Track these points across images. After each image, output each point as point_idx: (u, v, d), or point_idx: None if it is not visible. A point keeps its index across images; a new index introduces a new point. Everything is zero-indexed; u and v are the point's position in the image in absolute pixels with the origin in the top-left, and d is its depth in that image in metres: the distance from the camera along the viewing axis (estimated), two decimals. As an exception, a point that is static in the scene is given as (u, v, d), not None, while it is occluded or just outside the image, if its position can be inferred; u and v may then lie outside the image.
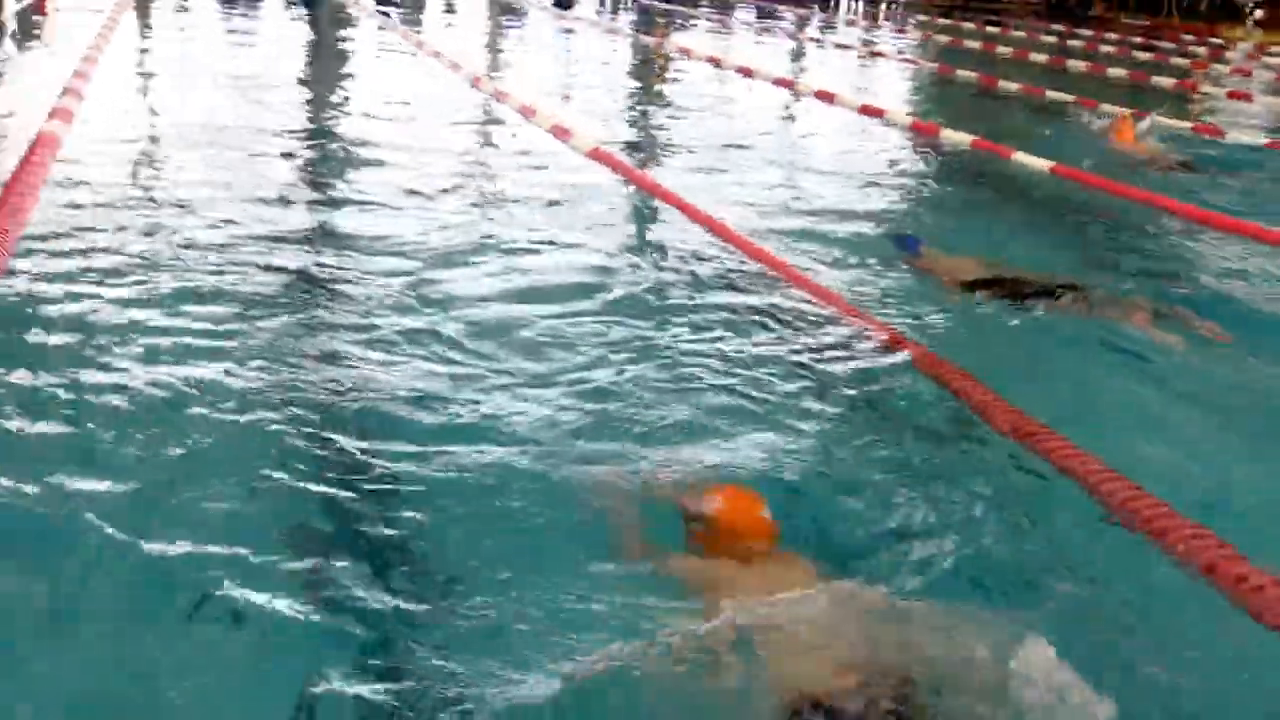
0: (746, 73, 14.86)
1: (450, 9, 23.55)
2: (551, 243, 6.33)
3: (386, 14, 19.52)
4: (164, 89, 11.02)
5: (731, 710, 2.78)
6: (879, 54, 19.52)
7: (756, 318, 5.36)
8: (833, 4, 31.82)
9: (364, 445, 3.88)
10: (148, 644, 2.87)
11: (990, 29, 24.29)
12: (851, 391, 4.64)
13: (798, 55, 19.71)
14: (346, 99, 11.39)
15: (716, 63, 15.90)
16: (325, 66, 13.69)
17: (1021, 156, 9.50)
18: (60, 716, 2.69)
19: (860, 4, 32.97)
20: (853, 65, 18.61)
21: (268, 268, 5.60)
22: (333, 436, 3.92)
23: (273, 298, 5.19)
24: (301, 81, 12.35)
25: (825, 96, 12.95)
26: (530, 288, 5.57)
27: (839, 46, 20.90)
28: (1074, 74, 17.23)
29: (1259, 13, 27.13)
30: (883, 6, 32.86)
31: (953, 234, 7.13)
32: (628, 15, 25.13)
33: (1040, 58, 18.94)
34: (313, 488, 3.62)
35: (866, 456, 4.11)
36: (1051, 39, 22.61)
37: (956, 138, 10.43)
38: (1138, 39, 22.93)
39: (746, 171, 8.84)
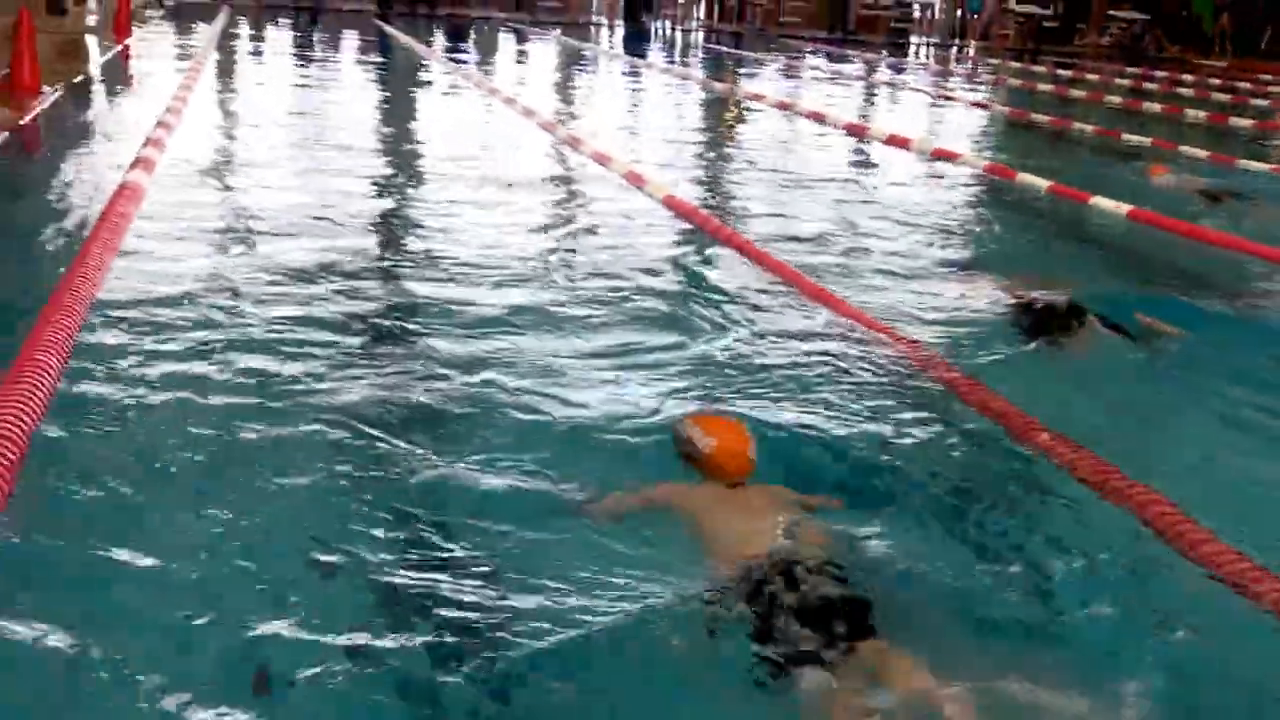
0: (818, 118, 14.85)
1: (522, 56, 23.84)
2: (627, 292, 6.32)
3: (460, 62, 19.79)
4: (245, 138, 11.22)
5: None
6: (951, 98, 19.45)
7: (823, 361, 5.33)
8: (903, 49, 31.80)
9: (435, 473, 3.97)
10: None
11: (1062, 72, 24.11)
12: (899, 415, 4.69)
13: (869, 100, 19.69)
14: (422, 146, 11.53)
15: (787, 108, 15.92)
16: (402, 114, 13.87)
17: (1099, 200, 9.38)
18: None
19: (931, 49, 32.94)
20: (925, 110, 18.54)
21: (344, 313, 5.66)
22: (405, 464, 4.02)
23: (346, 338, 5.27)
24: (378, 129, 12.53)
25: (899, 142, 12.89)
26: (603, 330, 5.60)
27: (911, 91, 20.83)
28: (1150, 116, 17.06)
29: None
30: (953, 51, 32.82)
31: (1031, 276, 7.04)
32: (697, 61, 25.28)
33: (1115, 100, 18.78)
34: (375, 505, 3.68)
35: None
36: (1126, 82, 22.43)
37: (1032, 182, 10.33)
38: (1216, 80, 22.66)
39: (819, 218, 8.79)
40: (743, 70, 22.89)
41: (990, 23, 35.05)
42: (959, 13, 35.34)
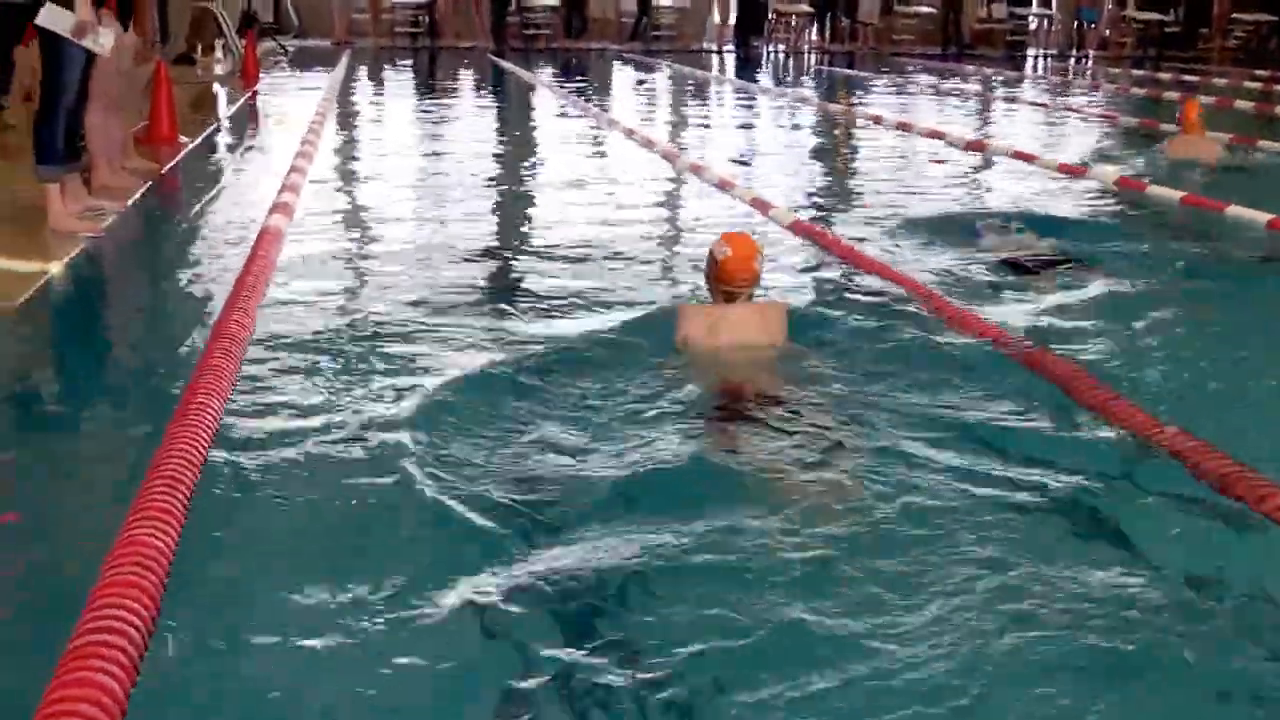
0: (937, 136, 14.70)
1: (639, 86, 24.01)
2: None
3: (578, 93, 20.00)
4: (377, 174, 11.51)
5: None
6: (1073, 110, 19.12)
7: (951, 381, 5.24)
8: (1020, 62, 31.37)
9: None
10: None
11: (1188, 78, 23.58)
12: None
13: (988, 116, 19.44)
14: (547, 179, 11.69)
15: (906, 128, 15.78)
16: (523, 148, 14.08)
17: (1236, 210, 9.16)
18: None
19: (1048, 60, 32.44)
20: (1046, 123, 18.26)
21: (472, 351, 5.70)
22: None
23: (474, 376, 5.27)
24: (504, 164, 12.70)
25: (1024, 157, 12.72)
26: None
27: (1031, 104, 20.52)
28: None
29: None
30: (1071, 62, 32.28)
31: (1161, 295, 6.87)
32: (811, 83, 25.22)
33: (1246, 105, 18.32)
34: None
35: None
36: (1256, 85, 21.86)
37: (1163, 193, 10.13)
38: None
39: (946, 237, 8.66)
40: (858, 91, 22.76)
41: (1108, 31, 34.41)
42: (1075, 23, 34.73)
